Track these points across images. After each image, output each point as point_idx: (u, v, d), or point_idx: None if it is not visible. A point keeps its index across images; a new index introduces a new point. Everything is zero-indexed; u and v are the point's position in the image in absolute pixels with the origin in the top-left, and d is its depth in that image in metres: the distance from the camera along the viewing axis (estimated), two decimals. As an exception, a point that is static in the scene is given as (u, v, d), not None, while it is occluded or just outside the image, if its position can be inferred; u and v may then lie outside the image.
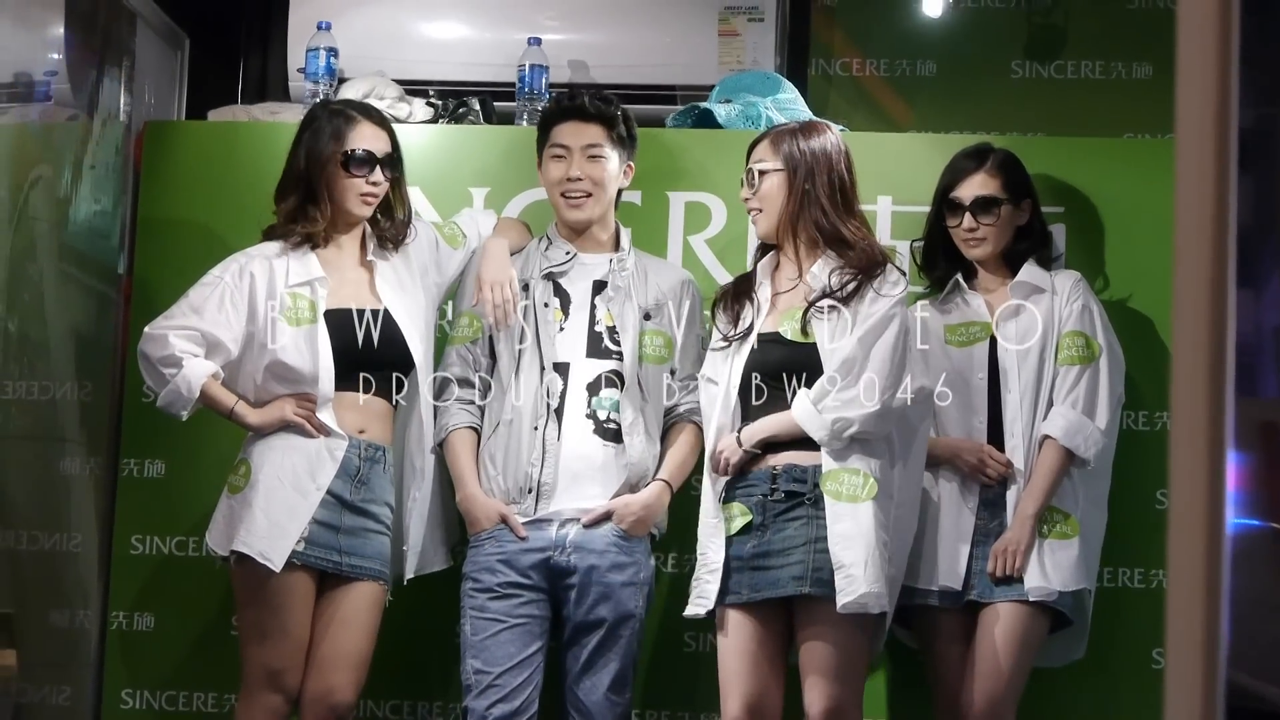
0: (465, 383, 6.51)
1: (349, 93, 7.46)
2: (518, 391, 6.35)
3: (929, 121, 8.06)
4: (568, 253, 6.45)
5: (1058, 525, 6.13)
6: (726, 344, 6.28)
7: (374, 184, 6.36)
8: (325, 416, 6.19)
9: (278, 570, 5.99)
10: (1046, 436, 6.15)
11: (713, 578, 6.06)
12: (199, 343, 6.15)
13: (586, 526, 6.21)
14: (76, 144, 7.67)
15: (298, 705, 6.16)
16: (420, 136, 7.19)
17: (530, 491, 6.23)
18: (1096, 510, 6.21)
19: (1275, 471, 2.79)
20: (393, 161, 6.45)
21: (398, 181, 6.51)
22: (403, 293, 6.42)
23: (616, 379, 6.33)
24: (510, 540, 6.20)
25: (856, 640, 5.97)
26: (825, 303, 6.16)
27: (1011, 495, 6.18)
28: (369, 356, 6.27)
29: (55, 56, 7.54)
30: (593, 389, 6.32)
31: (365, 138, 6.40)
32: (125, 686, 6.94)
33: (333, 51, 7.70)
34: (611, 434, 6.30)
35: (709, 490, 6.22)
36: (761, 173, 6.25)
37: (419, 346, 6.34)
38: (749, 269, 6.46)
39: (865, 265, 6.11)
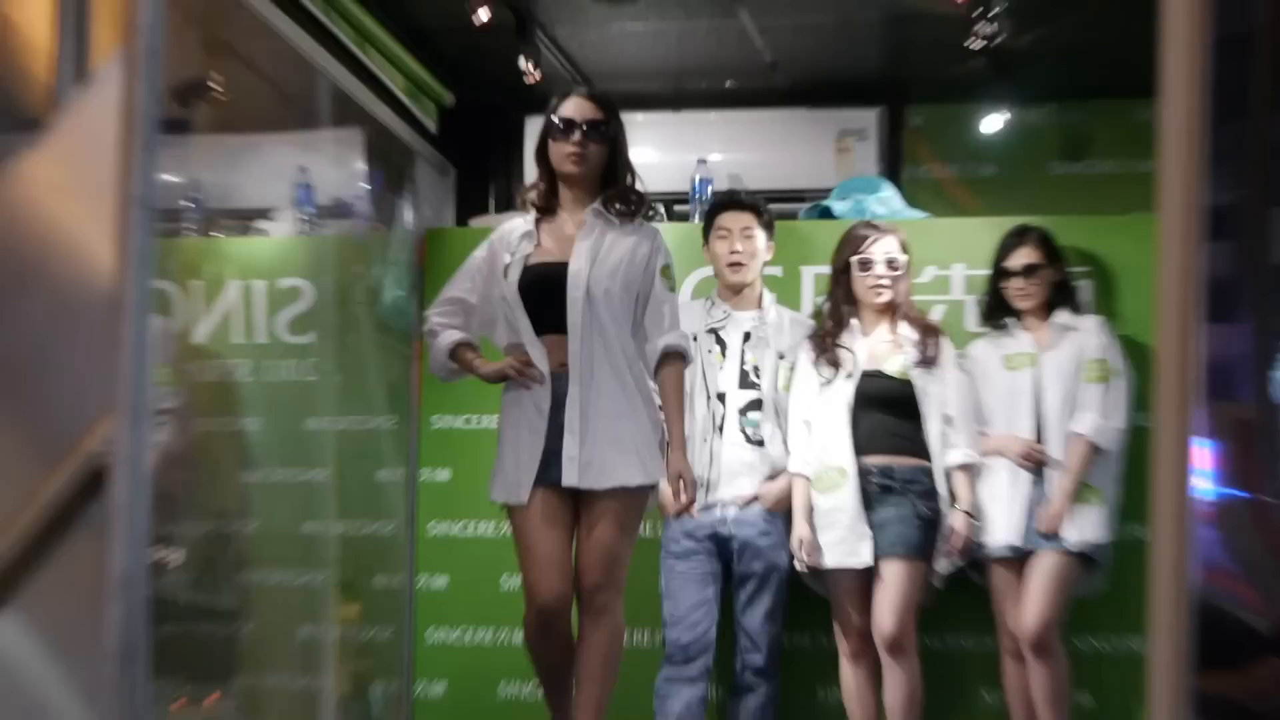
0: None
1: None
2: (693, 409, 6.73)
3: (988, 208, 8.14)
4: (724, 313, 6.87)
5: (1088, 496, 6.62)
6: (828, 382, 6.77)
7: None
8: (536, 357, 5.84)
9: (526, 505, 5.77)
10: (1077, 433, 6.62)
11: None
12: (455, 312, 6.01)
13: (741, 508, 6.76)
14: (379, 248, 8.04)
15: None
16: None
17: (703, 486, 6.69)
18: (1114, 485, 6.68)
19: (1243, 454, 3.13)
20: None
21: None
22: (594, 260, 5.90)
23: (759, 404, 6.81)
24: (688, 520, 6.56)
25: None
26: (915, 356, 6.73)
27: (1051, 475, 6.65)
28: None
29: (361, 185, 8.02)
30: (743, 411, 6.82)
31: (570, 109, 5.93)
32: (429, 625, 7.51)
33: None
34: (756, 442, 6.79)
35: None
36: (898, 264, 6.77)
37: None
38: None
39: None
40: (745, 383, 6.89)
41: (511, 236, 6.04)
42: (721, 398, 6.87)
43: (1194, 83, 2.76)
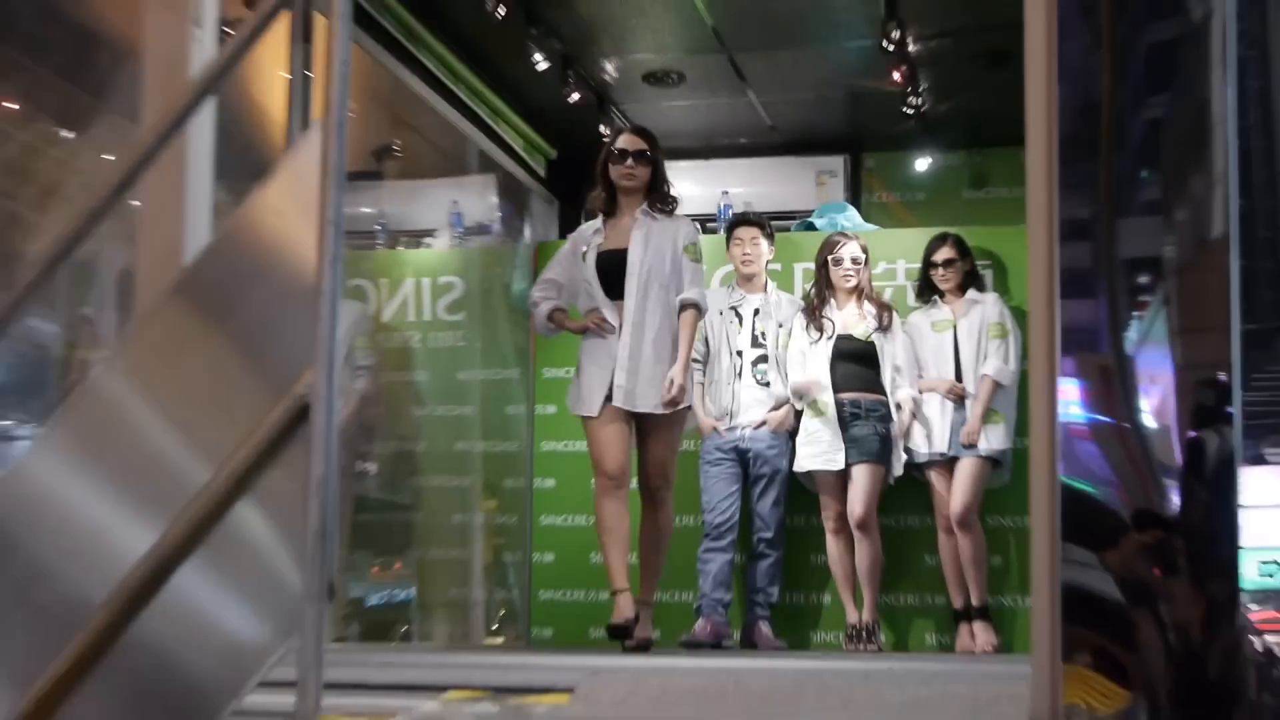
0: (695, 362, 6.58)
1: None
2: (720, 365, 6.81)
3: (920, 222, 8.14)
4: (740, 296, 6.84)
5: (993, 418, 6.59)
6: (815, 342, 6.74)
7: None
8: (609, 315, 5.92)
9: (596, 416, 5.89)
10: (985, 375, 6.60)
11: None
12: (550, 289, 6.15)
13: (755, 429, 6.72)
14: (508, 255, 8.20)
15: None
16: None
17: (727, 414, 6.74)
18: (1012, 410, 6.62)
19: (1105, 390, 3.10)
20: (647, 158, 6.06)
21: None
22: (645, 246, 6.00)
23: (765, 358, 6.78)
24: (717, 437, 6.73)
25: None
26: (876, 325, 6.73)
27: (968, 404, 6.63)
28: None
29: (495, 212, 8.20)
30: (754, 363, 6.78)
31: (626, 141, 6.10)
32: (542, 513, 7.36)
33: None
34: (764, 384, 6.76)
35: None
36: (860, 261, 6.76)
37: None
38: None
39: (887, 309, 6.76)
40: (755, 343, 6.84)
41: (586, 233, 6.23)
42: (740, 354, 6.83)
43: (1049, 135, 2.90)
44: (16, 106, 7.27)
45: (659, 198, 6.14)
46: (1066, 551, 2.86)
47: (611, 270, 6.04)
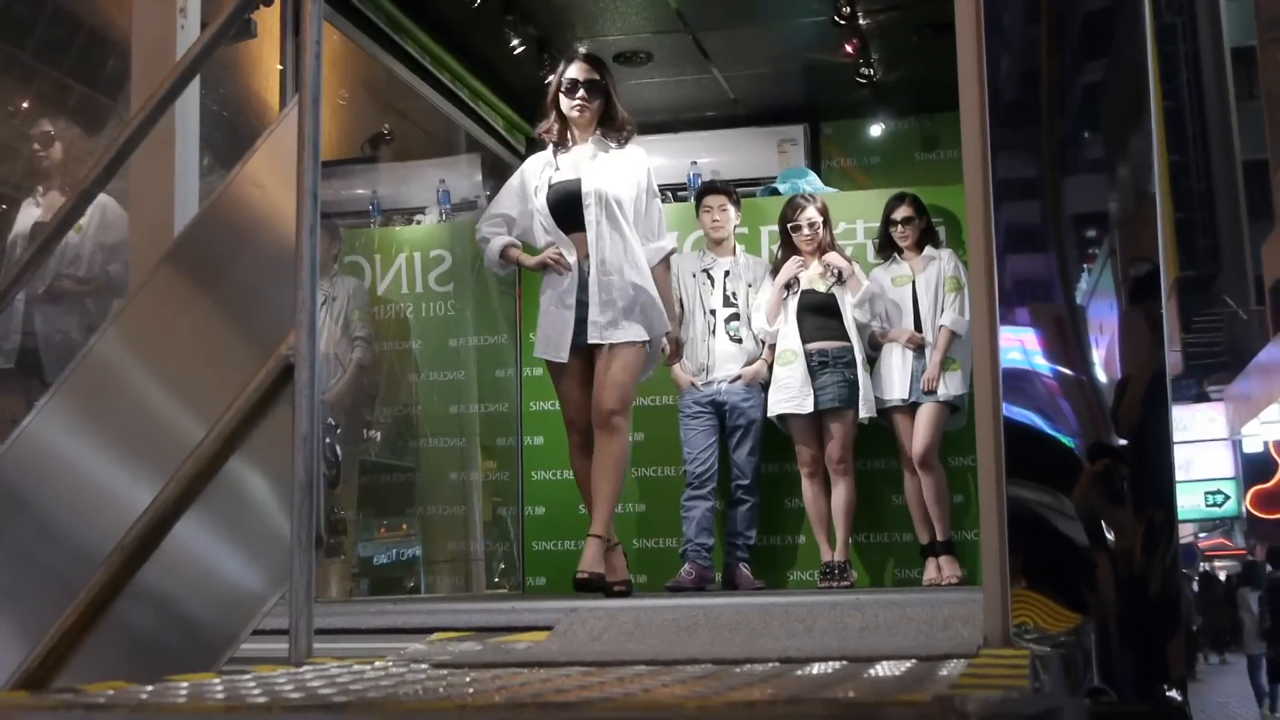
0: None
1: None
2: (695, 324, 6.76)
3: (876, 184, 7.99)
4: (711, 259, 6.82)
5: (951, 365, 6.59)
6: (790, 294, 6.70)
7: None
8: (566, 251, 5.45)
9: (564, 361, 5.43)
10: (942, 325, 6.61)
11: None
12: (500, 223, 5.66)
13: (730, 383, 6.69)
14: None
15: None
16: None
17: (704, 370, 6.71)
18: (968, 357, 6.41)
19: (1058, 337, 3.12)
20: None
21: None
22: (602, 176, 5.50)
23: (737, 316, 6.77)
24: (694, 392, 6.69)
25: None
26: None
27: (927, 353, 6.63)
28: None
29: (480, 189, 8.08)
30: (727, 321, 6.76)
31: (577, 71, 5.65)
32: (533, 469, 7.25)
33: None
34: (736, 340, 6.74)
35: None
36: (816, 225, 6.71)
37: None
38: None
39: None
40: (727, 303, 6.82)
41: (536, 166, 5.73)
42: (713, 313, 6.81)
43: (978, 102, 2.87)
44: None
45: (613, 126, 5.67)
46: (1014, 485, 2.82)
47: (566, 202, 5.54)
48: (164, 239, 3.16)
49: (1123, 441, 3.17)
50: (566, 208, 5.53)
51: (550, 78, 5.99)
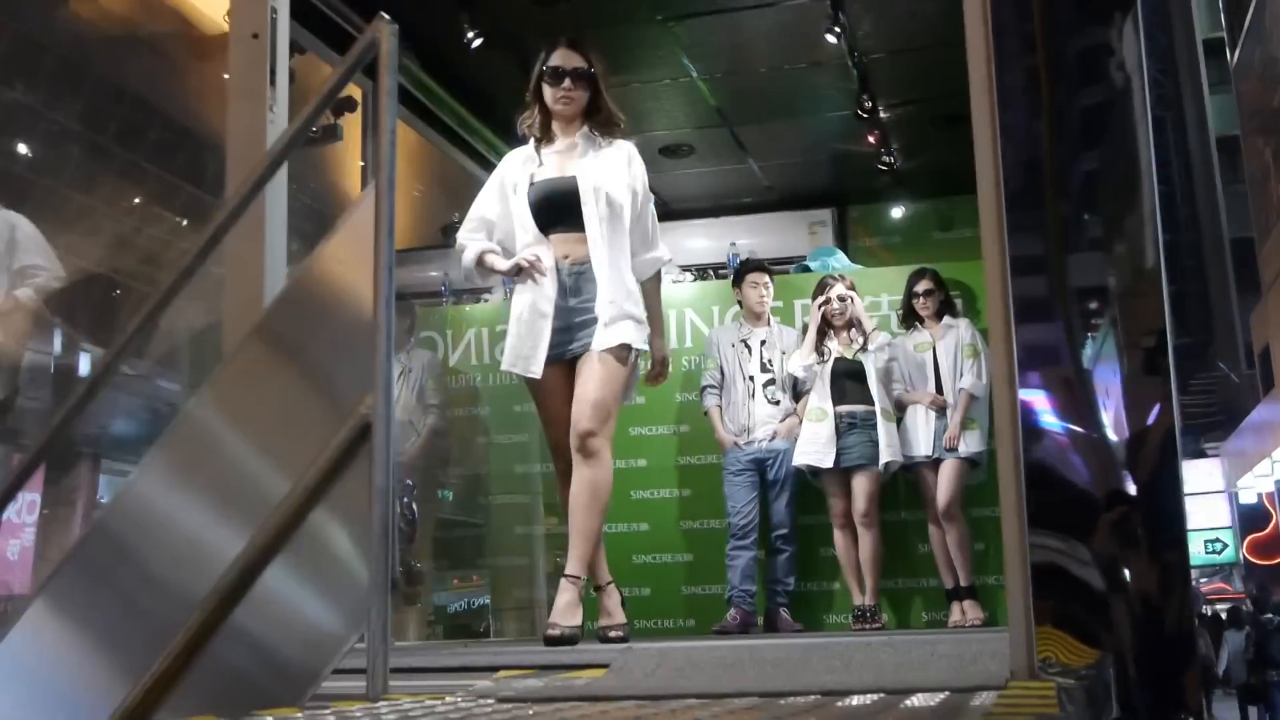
0: (712, 389, 6.64)
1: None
2: (735, 389, 6.65)
3: (901, 261, 7.89)
4: (749, 330, 6.71)
5: (970, 425, 6.48)
6: (822, 362, 6.57)
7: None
8: (542, 254, 4.50)
9: (539, 376, 4.48)
10: (962, 389, 6.52)
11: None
12: (479, 227, 4.69)
13: (769, 441, 6.57)
14: None
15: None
16: (689, 290, 7.39)
17: (745, 430, 6.59)
18: (985, 417, 6.40)
19: (1068, 399, 3.10)
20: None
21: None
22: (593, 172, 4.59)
23: (773, 381, 6.66)
24: (737, 451, 6.56)
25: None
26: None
27: (948, 413, 6.52)
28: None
29: None
30: (765, 385, 6.65)
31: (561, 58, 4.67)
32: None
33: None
34: (774, 403, 6.63)
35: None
36: (846, 299, 6.58)
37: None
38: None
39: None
40: (764, 369, 6.72)
41: (515, 162, 4.74)
42: (752, 379, 6.70)
43: (995, 186, 2.82)
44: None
45: (601, 120, 4.69)
46: (1035, 534, 2.78)
47: (550, 201, 4.59)
48: (254, 311, 3.15)
49: (1139, 493, 3.11)
50: (552, 206, 4.59)
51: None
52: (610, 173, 4.61)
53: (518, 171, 4.70)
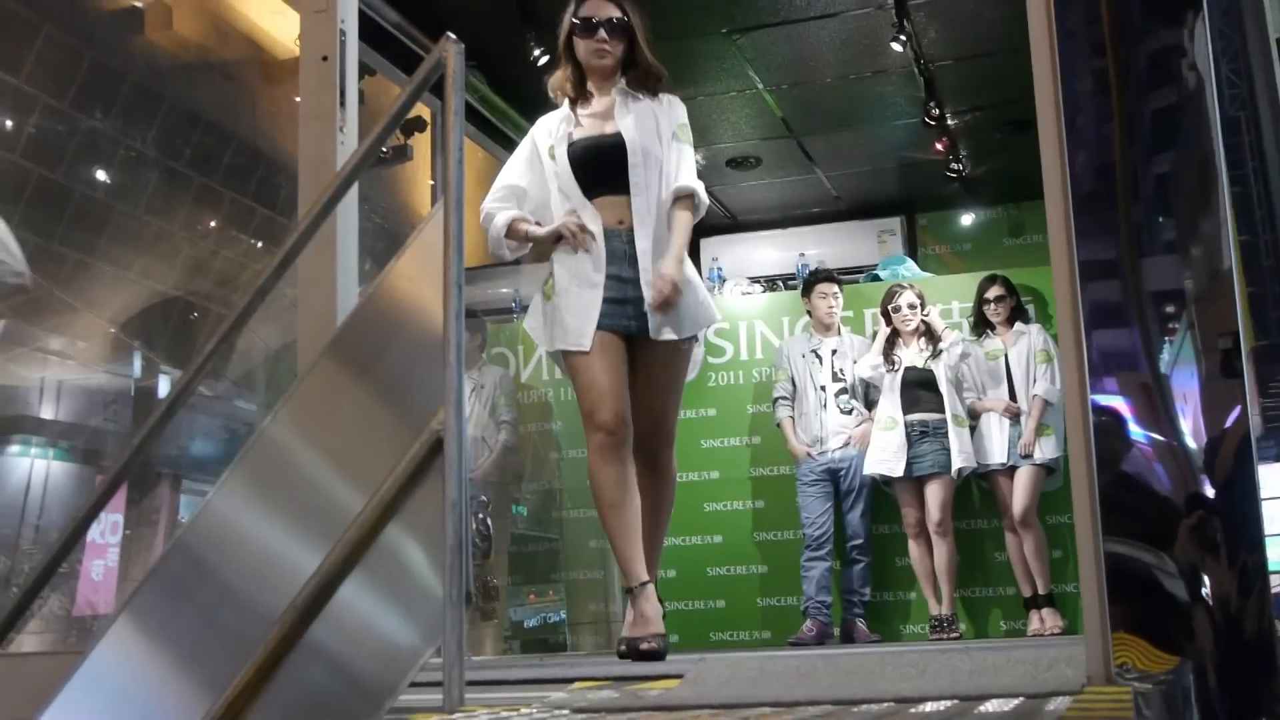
0: (785, 400, 6.69)
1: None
2: (807, 399, 6.67)
3: (970, 268, 7.91)
4: (819, 340, 6.72)
5: (1045, 431, 6.43)
6: (892, 371, 6.60)
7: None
8: (589, 220, 4.06)
9: (588, 349, 3.97)
10: (1036, 395, 6.46)
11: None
12: (508, 196, 4.19)
13: (842, 450, 6.59)
14: None
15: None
16: (759, 301, 7.35)
17: (818, 441, 6.62)
18: (1060, 423, 6.24)
19: (1147, 405, 3.06)
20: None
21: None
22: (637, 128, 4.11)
23: (845, 390, 6.68)
24: (810, 462, 6.58)
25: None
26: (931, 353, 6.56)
27: (1023, 420, 6.48)
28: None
29: None
30: (836, 395, 6.67)
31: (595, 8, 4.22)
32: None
33: (718, 266, 8.03)
34: (846, 412, 6.65)
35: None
36: (915, 307, 6.61)
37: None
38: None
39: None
40: (836, 379, 6.73)
41: (551, 124, 4.26)
42: (823, 389, 6.72)
43: (1062, 191, 2.76)
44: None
45: (640, 74, 4.22)
46: (1109, 539, 2.73)
47: (592, 162, 4.13)
48: (328, 328, 3.19)
49: (1217, 496, 3.06)
50: (596, 167, 4.14)
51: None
52: (650, 129, 4.16)
53: (553, 133, 4.23)
